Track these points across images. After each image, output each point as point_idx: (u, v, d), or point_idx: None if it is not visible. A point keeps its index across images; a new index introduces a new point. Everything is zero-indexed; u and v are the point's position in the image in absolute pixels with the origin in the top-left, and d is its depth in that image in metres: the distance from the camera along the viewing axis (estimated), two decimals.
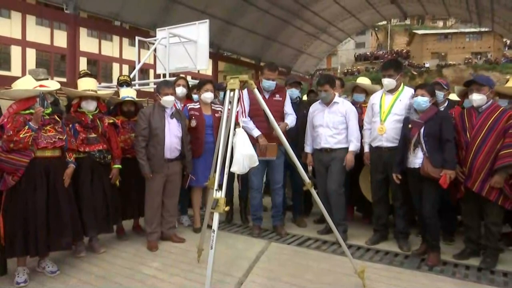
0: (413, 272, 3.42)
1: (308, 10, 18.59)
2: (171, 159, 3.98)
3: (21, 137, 3.03)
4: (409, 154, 3.63)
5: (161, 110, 3.95)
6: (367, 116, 4.20)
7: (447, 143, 3.47)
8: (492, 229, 3.48)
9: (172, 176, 4.04)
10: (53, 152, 3.27)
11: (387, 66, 4.02)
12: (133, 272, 3.43)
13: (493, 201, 3.40)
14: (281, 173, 4.41)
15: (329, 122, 4.17)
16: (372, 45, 50.77)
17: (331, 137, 4.16)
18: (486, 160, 3.41)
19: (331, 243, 4.09)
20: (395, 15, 24.24)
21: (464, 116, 3.63)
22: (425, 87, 3.66)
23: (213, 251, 2.49)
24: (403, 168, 3.71)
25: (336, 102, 4.23)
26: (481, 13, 18.07)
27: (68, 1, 11.20)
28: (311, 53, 24.26)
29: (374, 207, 4.20)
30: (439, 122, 3.51)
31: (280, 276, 3.37)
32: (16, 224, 3.09)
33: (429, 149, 3.50)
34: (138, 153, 3.87)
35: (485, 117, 3.47)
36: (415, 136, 3.56)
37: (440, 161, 3.45)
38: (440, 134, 3.48)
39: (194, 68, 9.63)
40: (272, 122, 3.06)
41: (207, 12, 13.87)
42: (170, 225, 4.19)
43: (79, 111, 3.76)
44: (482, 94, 3.48)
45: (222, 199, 2.54)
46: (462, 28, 41.78)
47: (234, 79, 2.81)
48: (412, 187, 3.72)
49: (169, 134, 3.93)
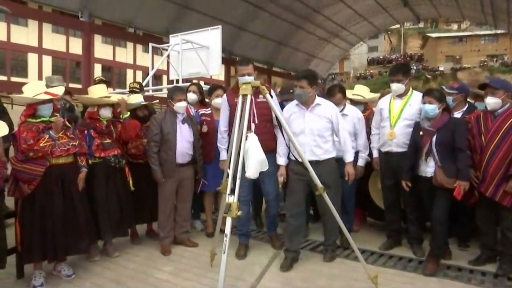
0: (427, 278, 3.37)
1: (320, 15, 18.60)
2: (183, 164, 3.99)
3: (41, 146, 3.10)
4: (420, 162, 3.54)
5: (172, 116, 3.98)
6: (375, 121, 4.11)
7: (460, 152, 3.35)
8: (507, 234, 3.39)
9: (184, 181, 4.05)
10: (67, 159, 3.32)
11: (395, 71, 3.93)
12: (146, 276, 3.46)
13: (507, 206, 3.31)
14: (274, 184, 3.87)
15: (313, 129, 3.54)
16: (385, 49, 50.45)
17: (317, 147, 3.54)
18: (500, 165, 3.32)
19: (344, 248, 4.06)
20: (408, 18, 24.11)
21: (480, 119, 3.54)
22: (432, 94, 3.50)
23: (225, 255, 2.50)
24: (412, 175, 3.63)
25: (318, 103, 3.57)
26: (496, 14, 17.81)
27: (83, 9, 11.42)
28: (323, 58, 24.23)
29: (386, 213, 4.12)
30: (451, 129, 3.39)
31: (293, 281, 3.36)
32: (33, 230, 3.14)
33: (442, 158, 3.39)
34: (151, 158, 3.90)
35: (501, 121, 3.38)
36: (426, 145, 3.46)
37: (454, 171, 3.34)
38: (453, 142, 3.37)
39: (206, 74, 9.71)
40: (287, 133, 3.06)
41: (219, 18, 13.98)
42: (183, 230, 4.20)
43: (94, 118, 3.85)
44: (497, 98, 3.38)
45: (235, 204, 2.55)
46: (477, 30, 41.28)
47: (246, 85, 2.82)
48: (423, 195, 3.64)
49: (180, 139, 3.95)
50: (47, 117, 3.27)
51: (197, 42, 9.31)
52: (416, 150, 3.58)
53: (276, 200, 4.10)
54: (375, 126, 4.10)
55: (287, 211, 3.79)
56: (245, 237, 4.01)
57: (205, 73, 9.62)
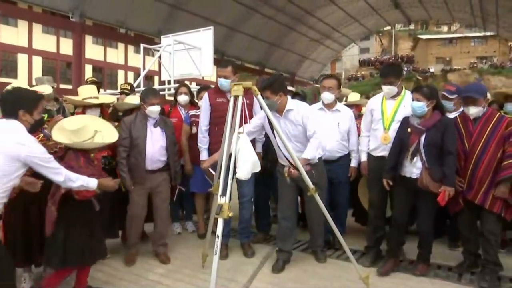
0: (419, 278, 3.39)
1: (312, 16, 18.67)
2: (154, 170, 3.75)
3: None
4: (406, 161, 3.35)
5: (143, 119, 3.75)
6: (365, 122, 3.88)
7: (449, 155, 3.19)
8: (489, 238, 3.25)
9: (158, 188, 3.80)
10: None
11: (387, 73, 3.73)
12: (138, 278, 3.44)
13: (497, 213, 3.19)
14: (250, 186, 3.86)
15: (289, 135, 3.49)
16: (377, 50, 50.80)
17: (299, 152, 3.42)
18: (488, 170, 3.21)
19: (335, 249, 4.07)
20: (399, 20, 24.34)
21: (459, 124, 3.37)
22: (420, 91, 3.32)
23: (217, 256, 2.50)
24: (395, 174, 3.44)
25: (290, 109, 3.50)
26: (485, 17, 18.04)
27: (74, 9, 11.33)
28: (315, 59, 24.33)
29: (373, 220, 3.83)
30: (442, 130, 3.22)
31: (285, 282, 3.36)
32: (17, 233, 3.07)
33: (429, 159, 3.22)
34: (119, 164, 3.66)
35: (482, 124, 3.27)
36: (414, 144, 3.27)
37: (440, 174, 3.19)
38: (442, 144, 3.21)
39: (198, 75, 9.69)
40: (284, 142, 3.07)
41: (212, 19, 13.96)
42: (160, 242, 3.92)
43: None
44: (479, 107, 3.27)
45: (226, 205, 2.55)
46: (466, 32, 41.74)
47: (237, 86, 2.82)
48: (402, 196, 3.46)
49: (151, 144, 3.71)
50: None
51: (189, 43, 9.28)
52: (401, 148, 3.39)
53: (250, 203, 4.05)
54: (365, 128, 3.87)
55: (279, 212, 3.78)
56: (225, 237, 3.85)
57: (197, 74, 9.59)
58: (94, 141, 2.91)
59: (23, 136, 2.32)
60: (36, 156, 2.31)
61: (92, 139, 2.90)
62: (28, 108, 2.42)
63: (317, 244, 3.86)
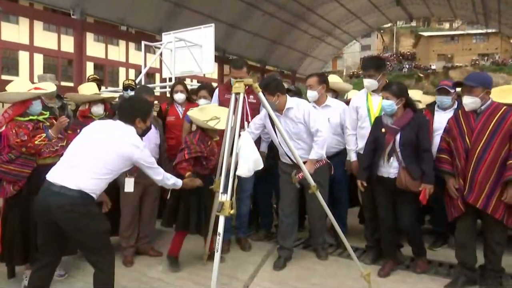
0: (419, 275, 3.40)
1: (314, 13, 18.60)
2: None
3: (35, 144, 3.04)
4: (382, 162, 3.26)
5: None
6: (351, 120, 3.78)
7: (425, 153, 3.13)
8: (495, 249, 3.03)
9: (150, 187, 3.76)
10: (54, 159, 3.14)
11: (367, 66, 3.65)
12: (139, 275, 3.45)
13: (499, 219, 2.92)
14: (250, 181, 3.89)
15: (290, 133, 3.50)
16: (378, 47, 50.57)
17: (300, 149, 3.48)
18: (490, 171, 2.90)
19: (336, 246, 4.07)
20: (401, 17, 24.20)
21: (460, 119, 3.11)
22: (389, 89, 3.22)
23: (219, 253, 2.50)
24: (369, 174, 3.38)
25: (290, 107, 3.53)
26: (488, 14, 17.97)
27: (75, 6, 11.30)
28: (316, 56, 24.24)
29: (369, 221, 3.79)
30: (416, 128, 3.15)
31: (286, 279, 3.37)
32: (15, 231, 3.08)
33: (406, 159, 3.15)
34: None
35: (485, 119, 2.96)
36: (390, 144, 3.19)
37: (419, 172, 3.12)
38: (418, 142, 3.14)
39: (199, 72, 9.69)
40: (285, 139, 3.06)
41: (213, 16, 13.92)
42: (147, 239, 3.93)
43: (86, 116, 3.78)
44: (475, 97, 2.97)
45: (228, 202, 2.55)
46: (468, 29, 41.57)
47: (239, 83, 2.81)
48: (383, 197, 3.39)
49: (147, 142, 3.64)
50: (35, 116, 3.18)
51: (190, 41, 9.28)
52: (376, 148, 3.32)
53: (248, 198, 4.12)
54: (351, 126, 3.78)
55: (280, 210, 3.79)
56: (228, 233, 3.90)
57: (198, 72, 9.60)
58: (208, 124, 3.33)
59: (138, 140, 2.68)
60: (146, 159, 2.70)
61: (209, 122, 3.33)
62: (144, 116, 2.78)
63: (318, 241, 3.87)
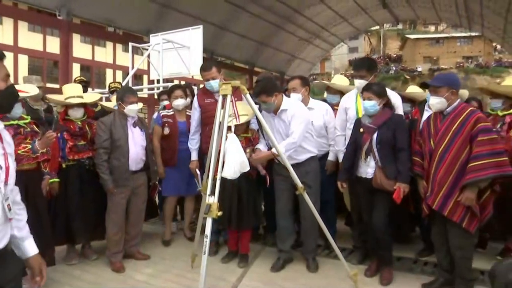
0: (405, 274, 3.45)
1: (301, 15, 18.68)
2: (136, 171, 3.71)
3: (18, 153, 2.89)
4: (361, 162, 3.27)
5: (123, 119, 3.67)
6: (340, 120, 3.75)
7: (401, 152, 3.13)
8: (457, 254, 2.92)
9: (138, 189, 3.76)
10: (31, 165, 3.11)
11: (359, 66, 3.62)
12: (125, 278, 3.43)
13: (457, 222, 2.84)
14: None
15: (282, 134, 3.50)
16: (365, 49, 51.05)
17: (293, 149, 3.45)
18: (449, 172, 2.86)
19: (324, 247, 4.10)
20: (388, 20, 24.45)
21: (430, 121, 3.10)
22: (371, 89, 3.21)
23: (206, 256, 2.50)
24: (350, 175, 3.38)
25: (285, 109, 3.49)
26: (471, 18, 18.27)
27: (60, 7, 11.15)
28: (304, 58, 24.34)
29: (356, 224, 3.80)
30: (392, 128, 3.15)
31: (274, 280, 3.38)
32: None
33: (382, 158, 3.15)
34: (100, 167, 3.53)
35: (450, 120, 2.92)
36: (366, 143, 3.20)
37: (395, 172, 3.11)
38: (395, 141, 3.14)
39: (188, 74, 9.66)
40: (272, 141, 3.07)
41: (201, 18, 13.88)
42: (134, 242, 3.89)
43: (67, 119, 3.66)
44: (440, 97, 2.93)
45: (215, 204, 2.55)
46: (453, 32, 42.27)
47: (226, 85, 2.82)
48: (362, 197, 3.40)
49: (133, 145, 3.65)
50: (16, 120, 3.06)
51: (178, 42, 9.25)
52: (355, 149, 3.34)
53: None
54: (340, 127, 3.75)
55: (276, 213, 3.74)
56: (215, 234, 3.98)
57: (186, 73, 9.56)
58: None
59: None
60: None
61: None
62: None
63: (309, 249, 3.71)
